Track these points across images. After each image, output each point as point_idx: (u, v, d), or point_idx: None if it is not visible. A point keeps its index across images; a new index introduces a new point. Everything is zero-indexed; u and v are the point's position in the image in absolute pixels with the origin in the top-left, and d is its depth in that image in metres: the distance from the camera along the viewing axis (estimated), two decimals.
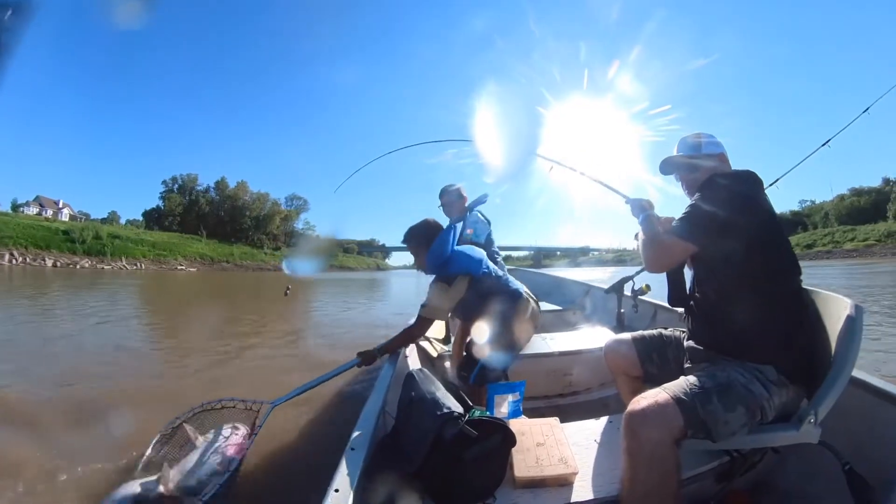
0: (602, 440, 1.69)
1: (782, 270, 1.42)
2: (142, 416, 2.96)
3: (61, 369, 4.49)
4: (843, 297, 1.40)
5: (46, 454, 2.45)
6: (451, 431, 1.36)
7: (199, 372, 4.63)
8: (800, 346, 1.37)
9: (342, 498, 1.17)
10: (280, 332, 7.54)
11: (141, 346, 6.20)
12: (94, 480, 2.22)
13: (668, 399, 1.25)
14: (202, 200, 76.76)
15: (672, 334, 1.80)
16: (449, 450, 1.35)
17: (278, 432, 3.13)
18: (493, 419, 1.45)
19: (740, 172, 1.48)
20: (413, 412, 1.57)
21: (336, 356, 4.64)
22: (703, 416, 1.23)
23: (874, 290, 11.58)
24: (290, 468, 2.53)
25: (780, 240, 1.43)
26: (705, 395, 1.26)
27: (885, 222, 56.93)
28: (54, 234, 47.11)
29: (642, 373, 1.79)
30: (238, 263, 63.88)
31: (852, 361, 1.28)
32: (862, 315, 1.32)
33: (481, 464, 1.40)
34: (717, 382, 1.29)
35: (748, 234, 1.37)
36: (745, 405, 1.27)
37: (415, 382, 1.68)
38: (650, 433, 1.21)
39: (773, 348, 1.35)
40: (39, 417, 3.04)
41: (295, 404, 3.81)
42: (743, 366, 1.35)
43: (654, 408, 1.23)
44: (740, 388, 1.28)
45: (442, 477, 1.37)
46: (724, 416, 1.24)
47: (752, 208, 1.40)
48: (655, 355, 1.77)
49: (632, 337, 1.85)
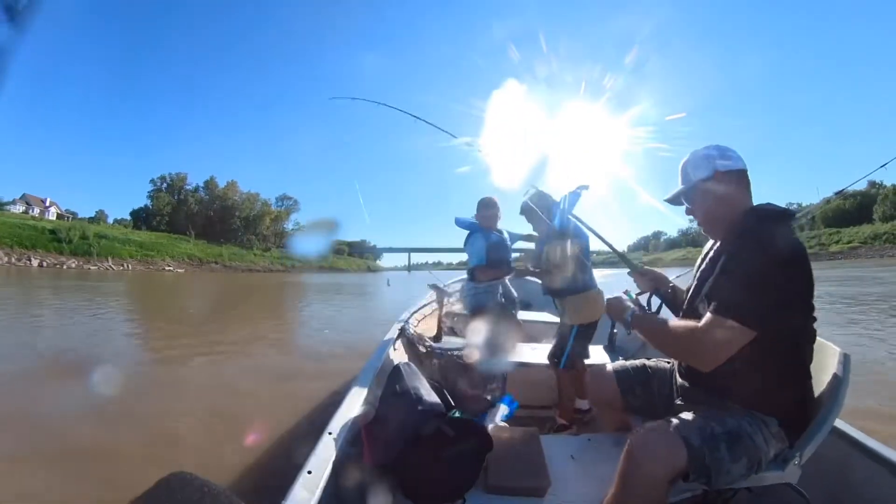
0: (578, 457, 1.67)
1: (806, 331, 1.30)
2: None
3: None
4: (832, 345, 1.39)
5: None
6: (431, 428, 1.36)
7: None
8: (800, 399, 1.33)
9: (314, 480, 1.17)
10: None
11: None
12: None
13: (677, 438, 1.19)
14: (191, 200, 76.22)
15: (657, 366, 1.71)
16: (426, 446, 1.35)
17: (262, 412, 3.15)
18: (472, 422, 1.45)
19: (786, 232, 1.27)
20: (395, 404, 1.57)
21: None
22: (708, 463, 1.18)
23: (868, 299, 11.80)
24: (269, 448, 2.56)
25: (811, 302, 1.26)
26: (714, 441, 1.20)
27: (871, 225, 57.86)
28: (41, 234, 46.55)
29: (624, 405, 1.70)
30: (227, 264, 63.41)
31: (838, 408, 1.28)
32: (849, 364, 1.32)
33: (455, 464, 1.39)
34: (727, 430, 1.23)
35: (802, 308, 1.25)
36: (748, 456, 1.22)
37: (401, 375, 1.68)
38: (652, 468, 1.17)
39: (779, 400, 1.29)
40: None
41: (282, 386, 3.83)
42: (750, 415, 1.27)
43: (662, 444, 1.19)
44: (747, 439, 1.23)
45: (415, 471, 1.37)
46: (729, 465, 1.20)
47: (810, 279, 1.23)
48: (639, 389, 1.66)
49: (613, 368, 1.75)
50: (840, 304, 9.96)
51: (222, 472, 2.25)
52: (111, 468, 2.47)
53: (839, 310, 8.90)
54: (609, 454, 1.69)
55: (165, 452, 2.68)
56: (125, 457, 2.61)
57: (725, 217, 1.36)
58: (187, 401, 3.76)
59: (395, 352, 2.46)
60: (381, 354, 2.23)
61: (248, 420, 3.14)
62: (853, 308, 9.29)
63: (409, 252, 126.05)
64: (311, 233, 32.43)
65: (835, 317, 7.86)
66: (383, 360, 2.17)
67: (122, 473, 2.35)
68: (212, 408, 3.50)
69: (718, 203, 1.36)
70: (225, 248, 69.52)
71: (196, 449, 2.76)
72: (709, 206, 1.39)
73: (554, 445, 1.71)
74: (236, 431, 2.88)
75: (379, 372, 2.00)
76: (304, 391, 3.80)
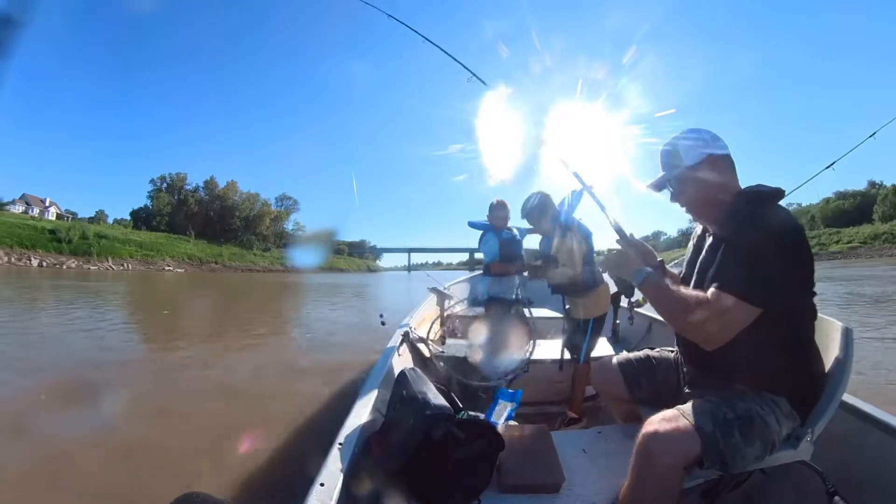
0: (590, 450, 1.67)
1: (808, 308, 1.31)
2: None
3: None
4: (834, 320, 1.41)
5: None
6: (440, 432, 1.35)
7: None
8: (807, 376, 1.33)
9: (327, 492, 1.17)
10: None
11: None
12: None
13: (689, 426, 1.19)
14: (191, 200, 75.97)
15: (660, 355, 1.71)
16: (436, 450, 1.34)
17: (270, 424, 3.14)
18: (481, 422, 1.44)
19: (781, 210, 1.28)
20: (403, 410, 1.56)
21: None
22: (722, 448, 1.18)
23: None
24: (280, 460, 2.55)
25: (812, 278, 1.27)
26: (727, 426, 1.20)
27: (871, 225, 57.86)
28: (40, 234, 46.46)
29: (631, 397, 1.70)
30: (227, 264, 63.36)
31: (845, 382, 1.30)
32: (852, 338, 1.33)
33: (468, 466, 1.39)
34: (739, 415, 1.23)
35: (803, 284, 1.25)
36: (761, 439, 1.23)
37: (407, 381, 1.67)
38: (665, 458, 1.17)
39: (788, 379, 1.29)
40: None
41: (288, 397, 3.82)
42: (760, 396, 1.28)
43: (674, 434, 1.18)
44: (759, 422, 1.23)
45: (428, 476, 1.35)
46: (743, 449, 1.20)
47: (809, 255, 1.25)
48: (644, 380, 1.67)
49: (617, 361, 1.74)
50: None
51: (233, 489, 2.24)
52: (115, 484, 2.42)
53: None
54: (621, 445, 1.69)
55: (173, 468, 2.63)
56: (133, 473, 2.55)
57: (717, 201, 1.36)
58: (191, 411, 3.71)
59: (399, 357, 2.46)
60: (385, 361, 2.22)
61: (255, 431, 3.09)
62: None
63: (409, 252, 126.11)
64: (310, 243, 32.68)
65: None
66: (388, 366, 2.16)
67: (132, 491, 2.32)
68: (217, 418, 3.46)
69: (711, 188, 1.36)
70: (225, 248, 69.45)
71: (202, 464, 2.71)
72: (702, 191, 1.38)
73: (565, 440, 1.71)
74: (244, 444, 2.84)
75: (385, 379, 1.99)
76: (312, 399, 3.77)
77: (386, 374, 2.05)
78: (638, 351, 1.79)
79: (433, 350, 2.92)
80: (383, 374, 2.03)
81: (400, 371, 1.79)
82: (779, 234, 1.20)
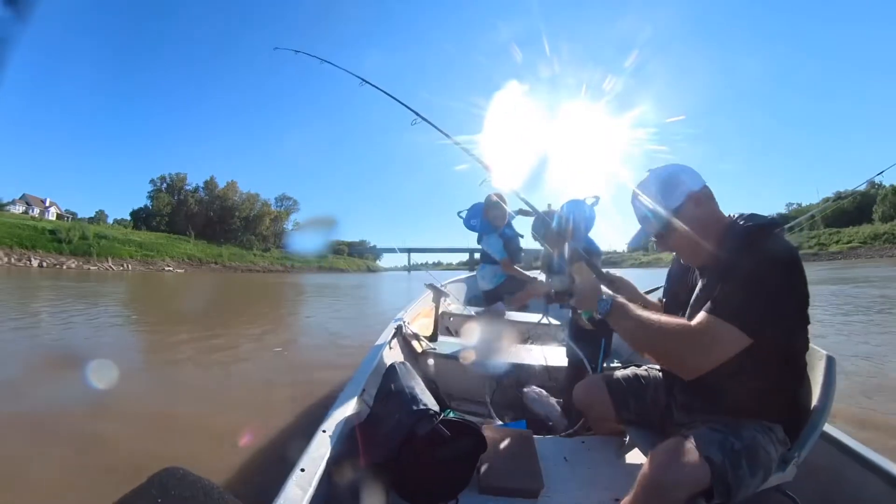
0: (571, 459, 1.67)
1: (803, 337, 1.27)
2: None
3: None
4: (818, 349, 1.41)
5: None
6: (425, 428, 1.36)
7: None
8: (799, 404, 1.31)
9: (307, 478, 1.17)
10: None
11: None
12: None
13: (699, 458, 1.12)
14: (191, 200, 75.92)
15: (649, 374, 1.64)
16: (420, 446, 1.35)
17: (257, 409, 3.16)
18: (466, 422, 1.45)
19: (778, 240, 1.24)
20: (390, 403, 1.57)
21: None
22: (730, 481, 1.12)
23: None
24: (263, 446, 2.57)
25: (807, 310, 1.22)
26: (736, 457, 1.15)
27: (871, 225, 57.84)
28: (40, 234, 46.40)
29: (618, 418, 1.63)
30: (227, 264, 63.24)
31: (829, 410, 1.30)
32: (835, 366, 1.34)
33: (449, 464, 1.40)
34: (745, 444, 1.18)
35: (799, 315, 1.21)
36: (763, 469, 1.19)
37: (396, 375, 1.68)
38: (676, 492, 1.10)
39: (783, 407, 1.27)
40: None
41: (277, 385, 3.84)
42: (760, 425, 1.24)
43: (685, 465, 1.11)
44: (762, 452, 1.19)
45: (409, 471, 1.36)
46: (748, 480, 1.15)
47: (806, 287, 1.19)
48: (632, 401, 1.60)
49: (604, 380, 1.68)
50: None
51: (215, 469, 2.24)
52: (103, 461, 2.48)
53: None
54: (601, 456, 1.70)
55: (157, 448, 2.68)
56: (117, 451, 2.62)
57: (709, 235, 1.30)
58: (179, 397, 3.79)
59: (390, 350, 2.46)
60: (376, 353, 2.24)
61: (243, 417, 3.17)
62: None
63: (409, 252, 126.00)
64: (310, 229, 32.38)
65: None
66: (379, 358, 2.17)
67: (114, 467, 2.35)
68: (205, 404, 3.52)
69: (700, 225, 1.30)
70: (225, 248, 69.32)
71: (188, 445, 2.76)
72: (692, 231, 1.30)
73: (547, 447, 1.71)
74: (230, 428, 2.89)
75: (374, 371, 2.00)
76: (300, 387, 3.82)
77: (376, 366, 2.05)
78: (625, 368, 1.74)
79: (425, 346, 2.93)
80: (373, 366, 2.04)
81: (390, 364, 1.80)
82: (776, 265, 1.16)
